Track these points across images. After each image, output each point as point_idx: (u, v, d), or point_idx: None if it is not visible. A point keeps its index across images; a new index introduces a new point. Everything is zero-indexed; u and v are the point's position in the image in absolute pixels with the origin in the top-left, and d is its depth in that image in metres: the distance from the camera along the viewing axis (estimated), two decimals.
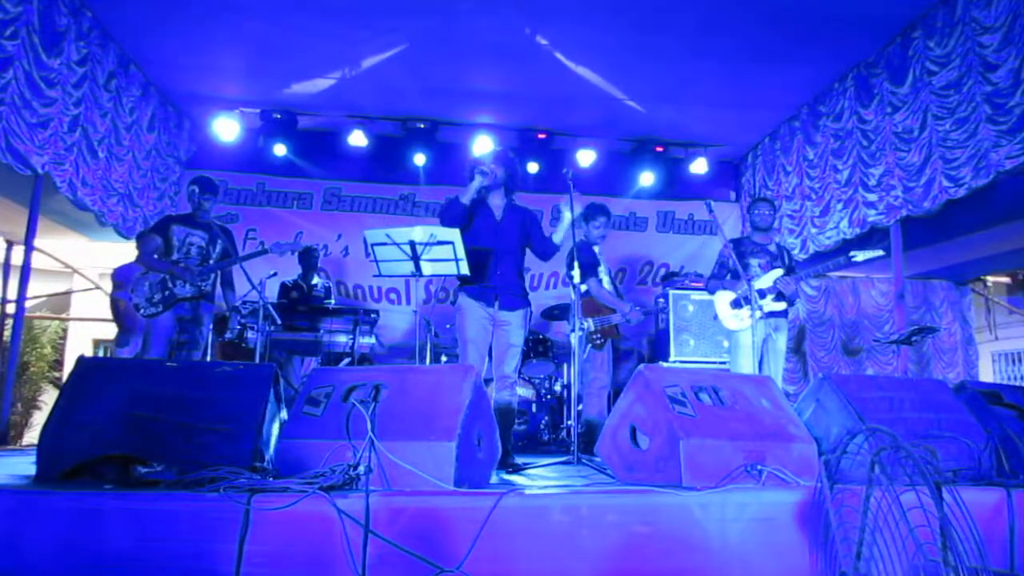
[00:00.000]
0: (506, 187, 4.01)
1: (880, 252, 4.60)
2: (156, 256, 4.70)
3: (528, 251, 4.19)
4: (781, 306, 4.73)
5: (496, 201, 4.01)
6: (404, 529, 2.05)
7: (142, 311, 4.58)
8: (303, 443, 2.43)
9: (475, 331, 3.83)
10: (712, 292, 4.93)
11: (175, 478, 2.22)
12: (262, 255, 4.94)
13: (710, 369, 5.48)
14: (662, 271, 8.21)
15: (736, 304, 4.73)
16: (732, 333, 4.80)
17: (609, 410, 5.23)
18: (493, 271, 3.87)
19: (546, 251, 4.09)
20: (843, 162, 6.44)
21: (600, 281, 5.04)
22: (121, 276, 5.51)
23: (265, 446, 2.50)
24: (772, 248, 4.88)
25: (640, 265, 8.25)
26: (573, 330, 4.00)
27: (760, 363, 4.57)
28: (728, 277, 4.87)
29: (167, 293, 4.60)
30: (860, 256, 4.54)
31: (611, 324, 5.02)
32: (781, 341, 4.79)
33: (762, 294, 4.60)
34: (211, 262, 4.80)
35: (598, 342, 4.98)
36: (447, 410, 2.46)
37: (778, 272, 4.72)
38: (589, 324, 4.96)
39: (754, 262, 4.78)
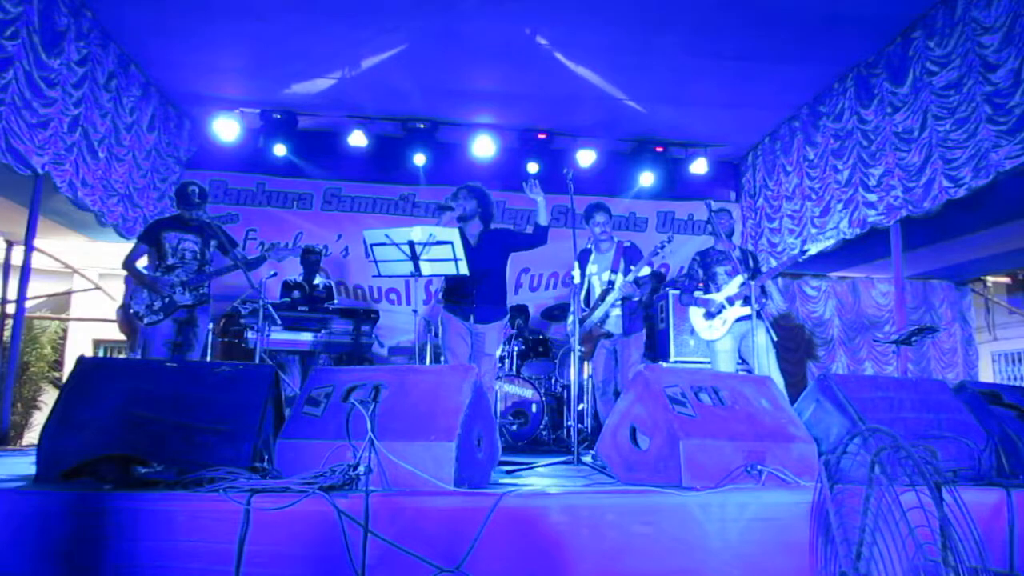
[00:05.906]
0: (480, 217, 4.35)
1: (831, 242, 4.69)
2: (144, 263, 4.69)
3: (529, 253, 4.53)
4: (748, 310, 4.76)
5: (472, 230, 4.34)
6: (404, 529, 2.05)
7: (144, 320, 4.56)
8: (303, 443, 2.43)
9: (454, 342, 4.25)
10: (682, 293, 5.20)
11: (175, 478, 2.22)
12: (263, 262, 4.91)
13: (710, 369, 5.47)
14: (662, 272, 8.21)
15: (709, 316, 4.92)
16: (710, 343, 4.96)
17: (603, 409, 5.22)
18: (469, 290, 4.19)
19: (534, 240, 4.38)
20: (843, 162, 6.43)
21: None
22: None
23: (265, 446, 2.50)
24: (736, 254, 5.00)
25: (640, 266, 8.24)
26: (572, 333, 4.05)
27: (755, 364, 4.60)
28: (700, 287, 5.07)
29: (167, 301, 4.58)
30: (813, 248, 4.91)
31: (590, 330, 4.90)
32: (761, 335, 4.79)
33: (731, 301, 4.83)
34: (208, 268, 4.78)
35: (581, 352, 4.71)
36: (447, 410, 2.46)
37: (741, 278, 4.84)
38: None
39: (720, 270, 4.99)
